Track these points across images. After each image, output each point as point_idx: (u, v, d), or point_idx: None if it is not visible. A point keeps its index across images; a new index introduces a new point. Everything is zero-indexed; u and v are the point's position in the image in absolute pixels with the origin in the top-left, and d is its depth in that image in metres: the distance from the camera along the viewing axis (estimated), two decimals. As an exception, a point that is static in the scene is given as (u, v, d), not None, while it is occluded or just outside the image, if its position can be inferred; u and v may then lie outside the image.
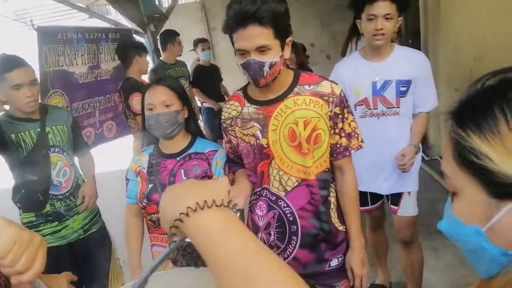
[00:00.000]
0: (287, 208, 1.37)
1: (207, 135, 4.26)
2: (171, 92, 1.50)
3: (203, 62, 4.52)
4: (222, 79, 4.82)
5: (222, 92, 4.74)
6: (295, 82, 1.34)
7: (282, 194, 1.37)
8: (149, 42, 4.34)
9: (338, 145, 1.36)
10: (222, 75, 4.82)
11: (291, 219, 1.37)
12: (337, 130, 1.35)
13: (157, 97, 1.48)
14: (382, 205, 2.10)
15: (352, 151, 1.37)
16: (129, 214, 1.64)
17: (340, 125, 1.34)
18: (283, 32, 1.22)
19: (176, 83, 1.56)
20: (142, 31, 4.39)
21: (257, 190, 1.43)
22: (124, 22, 4.61)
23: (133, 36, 4.22)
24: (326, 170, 1.38)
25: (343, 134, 1.35)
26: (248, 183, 1.43)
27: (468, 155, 0.50)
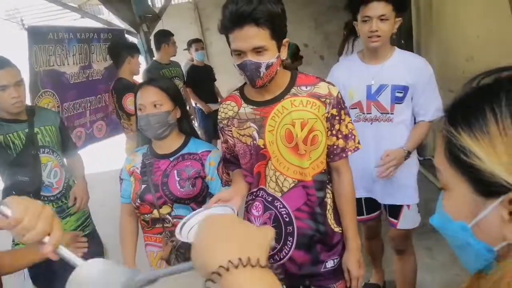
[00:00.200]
0: (283, 209, 1.37)
1: (201, 135, 4.26)
2: (161, 92, 1.49)
3: (197, 62, 4.54)
4: (216, 79, 4.83)
5: (215, 93, 4.75)
6: (292, 83, 1.34)
7: (278, 195, 1.37)
8: (141, 42, 4.32)
9: (335, 146, 1.36)
10: (216, 76, 4.84)
11: (287, 220, 1.37)
12: (334, 132, 1.34)
13: (147, 97, 1.48)
14: (379, 215, 2.03)
15: (349, 153, 1.38)
16: (123, 214, 1.65)
17: (337, 126, 1.34)
18: (280, 32, 1.22)
19: (167, 83, 1.56)
20: (135, 31, 4.37)
21: (253, 190, 1.43)
22: (117, 22, 4.59)
23: (125, 36, 4.20)
24: (323, 171, 1.38)
25: (340, 136, 1.35)
26: (244, 183, 1.43)
27: (458, 153, 0.52)
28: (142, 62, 3.70)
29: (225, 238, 0.50)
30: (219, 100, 4.82)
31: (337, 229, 1.42)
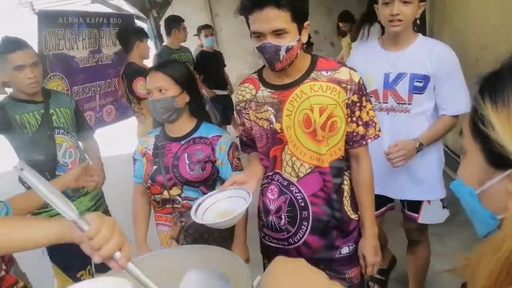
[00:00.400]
0: (298, 194, 1.37)
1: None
2: (167, 77, 1.51)
3: (206, 48, 4.59)
4: (226, 65, 4.88)
5: (225, 79, 4.79)
6: (312, 67, 1.31)
7: (294, 180, 1.36)
8: (151, 28, 4.36)
9: (354, 133, 1.34)
10: (225, 62, 4.88)
11: (302, 205, 1.37)
12: (354, 118, 1.32)
13: (153, 83, 1.52)
14: (384, 212, 1.95)
15: (369, 140, 1.36)
16: (136, 193, 1.70)
17: (357, 113, 1.32)
18: (301, 15, 1.20)
19: (175, 68, 1.56)
20: (144, 17, 4.40)
21: (269, 174, 1.43)
22: (126, 7, 4.61)
23: (134, 21, 4.23)
24: (340, 158, 1.36)
25: (360, 123, 1.33)
26: (260, 166, 1.44)
27: (478, 121, 0.54)
28: (152, 47, 3.74)
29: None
30: (228, 86, 4.88)
31: (353, 216, 1.42)
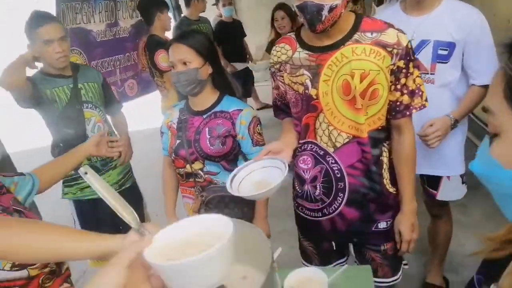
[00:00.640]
0: (335, 165, 1.33)
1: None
2: (190, 49, 1.51)
3: (225, 18, 4.57)
4: (246, 34, 4.86)
5: (244, 49, 4.78)
6: (355, 28, 1.23)
7: (330, 150, 1.32)
8: (170, -1, 4.34)
9: (398, 102, 1.26)
10: (245, 32, 4.86)
11: (338, 175, 1.34)
12: (398, 86, 1.24)
13: (175, 55, 1.52)
14: None
15: (414, 111, 1.28)
16: (165, 166, 1.77)
17: (403, 80, 1.23)
18: None
19: (197, 39, 1.56)
20: (162, -13, 4.37)
21: (301, 142, 1.39)
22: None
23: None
24: (380, 128, 1.30)
25: (405, 91, 1.25)
26: (295, 134, 1.40)
27: None
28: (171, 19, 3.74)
29: None
30: (248, 56, 4.86)
31: (392, 189, 1.38)
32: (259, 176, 1.21)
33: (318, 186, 1.38)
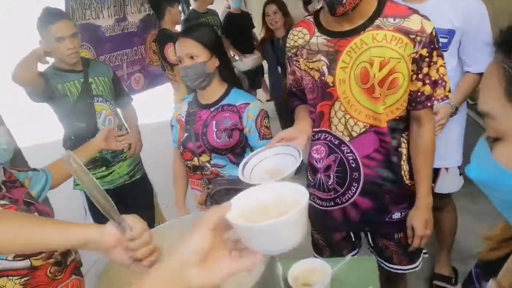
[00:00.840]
0: (350, 154, 1.31)
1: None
2: (196, 43, 1.53)
3: (233, 10, 4.60)
4: (254, 26, 4.86)
5: (253, 41, 4.80)
6: (377, 13, 1.18)
7: (346, 139, 1.30)
8: (178, -8, 4.38)
9: (419, 93, 1.22)
10: (254, 23, 4.86)
11: (353, 165, 1.32)
12: (420, 76, 1.20)
13: (182, 50, 1.54)
14: None
15: (435, 102, 1.24)
16: (175, 158, 1.82)
17: (425, 70, 1.20)
18: None
19: (203, 33, 1.57)
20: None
21: (315, 130, 1.37)
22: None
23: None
24: (397, 118, 1.27)
25: (427, 81, 1.21)
26: (309, 122, 1.37)
27: None
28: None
29: None
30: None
31: (408, 181, 1.36)
32: (271, 163, 1.17)
33: (331, 176, 1.37)
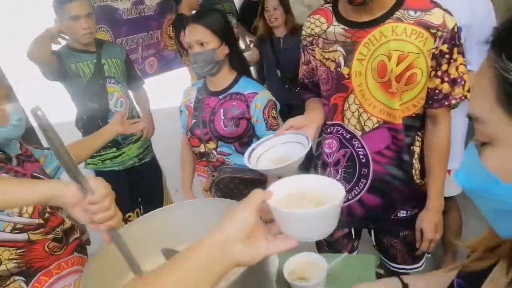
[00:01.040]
0: (361, 149, 1.29)
1: (254, 75, 4.33)
2: (206, 30, 1.53)
3: (250, -4, 4.52)
4: (273, 13, 4.79)
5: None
6: (398, 4, 1.16)
7: (358, 134, 1.28)
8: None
9: (437, 91, 1.19)
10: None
11: (363, 161, 1.30)
12: (439, 73, 1.17)
13: (192, 36, 1.55)
14: None
15: (453, 101, 1.20)
16: (183, 143, 1.84)
17: (444, 67, 1.16)
18: None
19: (213, 19, 1.57)
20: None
21: (328, 123, 1.34)
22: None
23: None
24: (413, 115, 1.24)
25: (446, 79, 1.17)
26: (321, 113, 1.35)
27: None
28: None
29: None
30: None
31: (418, 180, 1.33)
32: (279, 151, 1.16)
33: (340, 171, 1.35)
